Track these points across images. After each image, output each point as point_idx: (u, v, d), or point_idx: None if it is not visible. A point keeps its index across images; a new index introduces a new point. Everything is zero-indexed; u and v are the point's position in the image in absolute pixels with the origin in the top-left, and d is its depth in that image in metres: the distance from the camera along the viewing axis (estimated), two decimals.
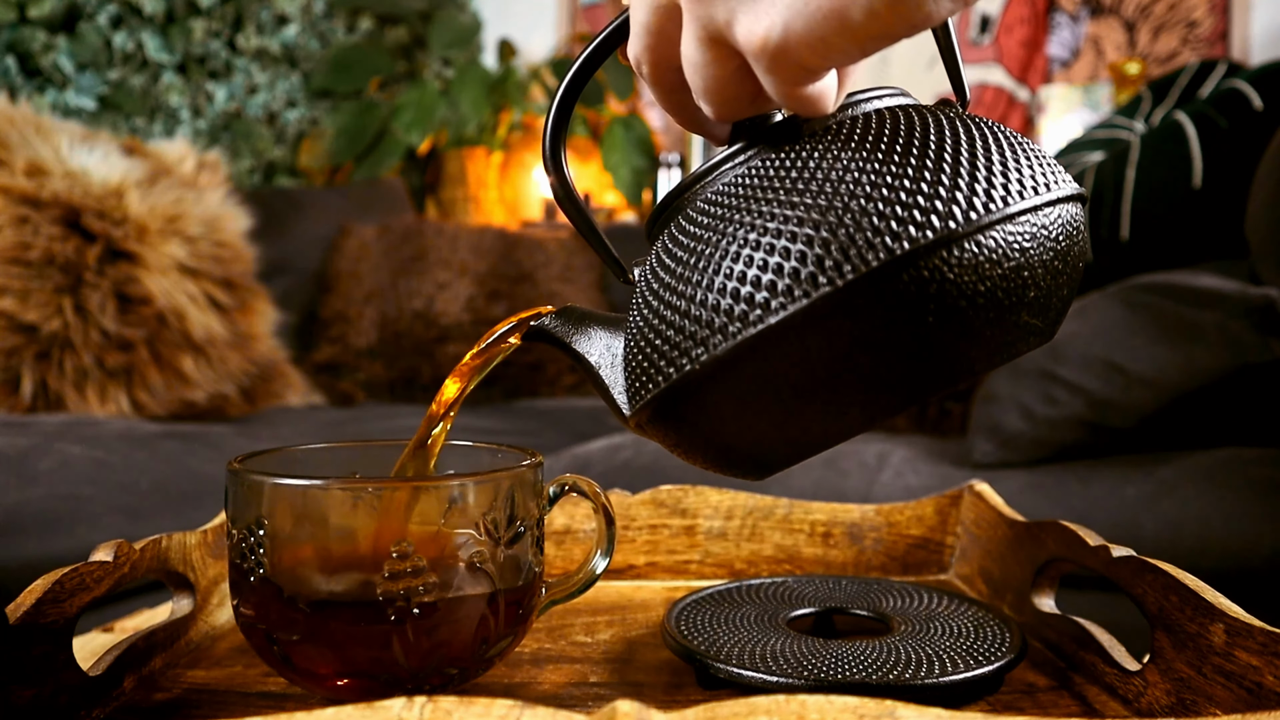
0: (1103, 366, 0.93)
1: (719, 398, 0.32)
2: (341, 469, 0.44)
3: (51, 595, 0.36)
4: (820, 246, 0.29)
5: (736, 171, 0.34)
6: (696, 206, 0.34)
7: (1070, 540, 0.45)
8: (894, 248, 0.29)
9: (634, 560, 0.59)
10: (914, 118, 0.33)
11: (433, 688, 0.37)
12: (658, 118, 2.63)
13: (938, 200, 0.30)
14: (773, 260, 0.30)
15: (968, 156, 0.31)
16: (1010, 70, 2.24)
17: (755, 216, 0.31)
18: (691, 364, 0.32)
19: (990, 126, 0.33)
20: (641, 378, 0.34)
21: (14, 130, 1.31)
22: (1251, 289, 0.90)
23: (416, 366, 1.70)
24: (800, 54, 0.28)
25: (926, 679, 0.38)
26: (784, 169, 0.32)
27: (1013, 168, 0.31)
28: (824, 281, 0.29)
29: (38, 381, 1.23)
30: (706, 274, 0.31)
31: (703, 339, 0.31)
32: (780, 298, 0.30)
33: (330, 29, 2.47)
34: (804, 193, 0.31)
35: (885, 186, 0.30)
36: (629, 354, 0.35)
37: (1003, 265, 0.30)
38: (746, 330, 0.30)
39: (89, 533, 0.88)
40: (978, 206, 0.30)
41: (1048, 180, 0.32)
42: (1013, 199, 0.31)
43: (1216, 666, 0.34)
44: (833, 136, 0.32)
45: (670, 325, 0.32)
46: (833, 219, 0.30)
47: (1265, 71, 1.19)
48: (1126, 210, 1.20)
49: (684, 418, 0.34)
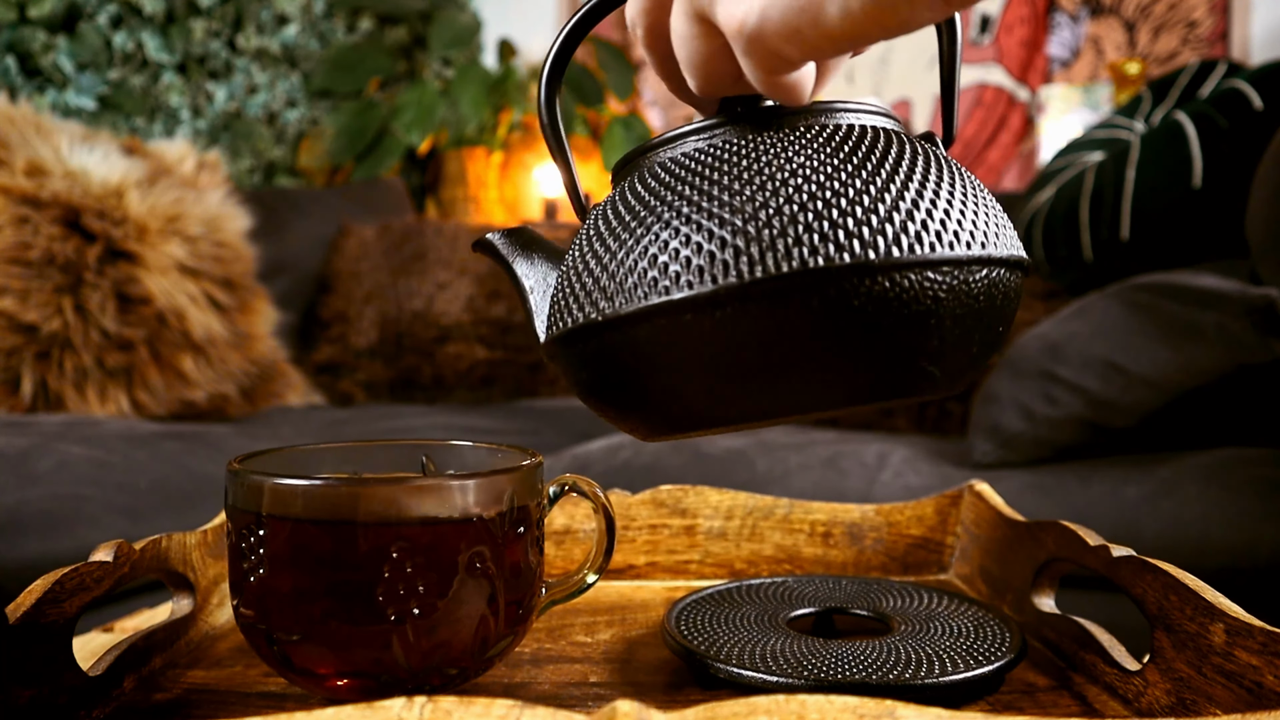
0: (1103, 366, 0.93)
1: (617, 351, 0.34)
2: (342, 469, 0.44)
3: (51, 595, 0.36)
4: (742, 239, 0.31)
5: (697, 144, 0.35)
6: (653, 170, 0.35)
7: (1070, 540, 0.45)
8: (807, 261, 0.30)
9: (634, 560, 0.59)
10: (878, 141, 0.33)
11: (433, 688, 0.37)
12: (658, 118, 2.63)
13: (865, 227, 0.30)
14: (695, 239, 0.31)
15: (914, 191, 0.32)
16: (1010, 70, 2.24)
17: (696, 194, 0.32)
18: (599, 314, 0.34)
19: (952, 168, 0.34)
20: (560, 312, 0.36)
21: (14, 130, 1.31)
22: (1251, 289, 0.90)
23: (416, 366, 1.70)
24: (774, 42, 0.29)
25: (926, 679, 0.38)
26: (738, 154, 0.33)
27: (955, 215, 0.32)
28: (733, 274, 0.30)
29: (38, 381, 1.24)
30: (639, 238, 0.33)
31: (612, 294, 0.33)
32: (690, 275, 0.31)
33: (330, 29, 2.47)
34: (747, 184, 0.32)
35: (822, 200, 0.31)
36: (557, 288, 0.37)
37: (909, 308, 0.31)
38: (651, 298, 0.32)
39: (89, 533, 0.88)
40: (903, 244, 0.30)
41: (987, 238, 0.32)
42: (941, 247, 0.31)
43: (1217, 666, 0.34)
44: (796, 135, 0.33)
45: (594, 275, 0.34)
46: (763, 216, 0.31)
47: (1265, 71, 1.19)
48: (1126, 210, 1.20)
49: (584, 360, 0.36)
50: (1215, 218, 1.14)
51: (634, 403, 0.35)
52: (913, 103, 2.32)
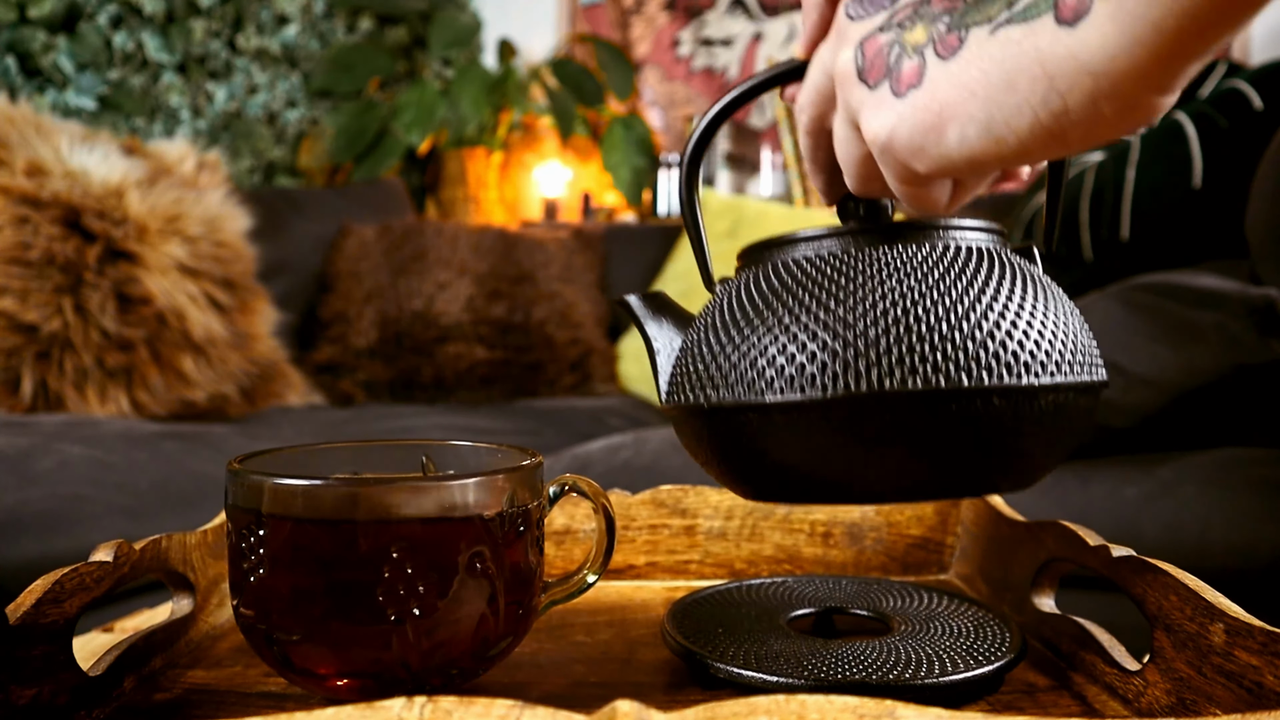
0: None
1: (725, 432, 0.38)
2: (342, 469, 0.44)
3: (51, 595, 0.36)
4: (836, 356, 0.35)
5: (819, 250, 0.38)
6: (777, 269, 0.39)
7: (1070, 540, 0.45)
8: (905, 382, 0.34)
9: (634, 560, 0.59)
10: (980, 267, 0.36)
11: (433, 688, 0.37)
12: (658, 118, 2.63)
13: (957, 356, 0.34)
14: (795, 351, 0.36)
15: (993, 322, 0.34)
16: None
17: (813, 303, 0.36)
18: (708, 400, 0.38)
19: (1039, 290, 0.37)
20: (679, 382, 0.41)
21: (14, 130, 1.31)
22: (1251, 289, 0.90)
23: (416, 366, 1.70)
24: (903, 156, 0.32)
25: (926, 679, 0.38)
26: (854, 268, 0.37)
27: (1030, 344, 0.35)
28: (822, 386, 0.35)
29: (38, 381, 1.23)
30: (757, 335, 0.37)
31: (733, 384, 0.37)
32: (803, 380, 0.35)
33: (330, 29, 2.47)
34: (862, 300, 0.35)
35: (924, 323, 0.34)
36: (680, 357, 0.42)
37: (981, 428, 0.34)
38: (766, 396, 0.36)
39: (89, 533, 0.88)
40: (980, 374, 0.34)
41: (1059, 366, 0.35)
42: (1010, 377, 0.34)
43: (1216, 666, 0.34)
44: (907, 257, 0.36)
45: (714, 358, 0.38)
46: (866, 334, 0.34)
47: (1265, 71, 1.19)
48: (1126, 210, 1.20)
49: (696, 431, 0.40)
50: (1215, 218, 1.14)
51: (734, 474, 0.40)
52: None
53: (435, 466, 0.44)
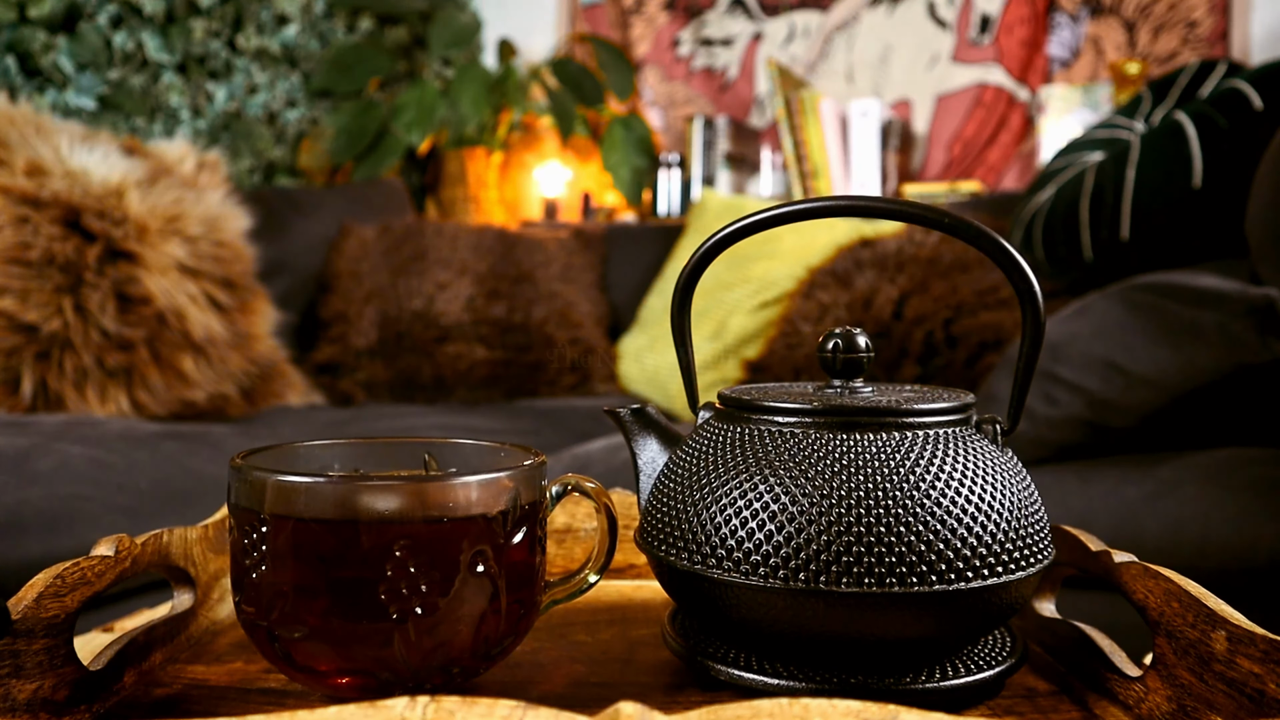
0: (1103, 366, 0.93)
1: (678, 585, 0.41)
2: (344, 466, 0.44)
3: (53, 589, 0.36)
4: (780, 548, 0.37)
5: (795, 426, 0.40)
6: (758, 433, 0.40)
7: (1071, 544, 0.45)
8: (838, 583, 0.36)
9: (635, 560, 0.59)
10: (934, 459, 0.38)
11: (434, 687, 0.37)
12: (658, 118, 2.63)
13: (897, 560, 0.36)
14: (745, 536, 0.38)
15: (952, 519, 0.37)
16: (1010, 70, 2.24)
17: (764, 488, 0.38)
18: (668, 557, 0.40)
19: (988, 477, 0.38)
20: (649, 525, 0.42)
21: (14, 130, 1.31)
22: (1251, 289, 0.90)
23: (416, 366, 1.70)
24: None
25: (928, 683, 0.38)
26: (819, 452, 0.38)
27: (984, 544, 0.37)
28: (763, 575, 0.37)
29: (38, 381, 1.23)
30: (719, 507, 0.39)
31: (681, 547, 0.40)
32: (732, 564, 0.38)
33: (330, 29, 2.47)
34: (817, 489, 0.37)
35: (871, 523, 0.36)
36: (656, 485, 0.44)
37: (903, 621, 0.36)
38: (705, 569, 0.38)
39: (89, 532, 0.88)
40: (933, 578, 0.36)
41: (1008, 561, 0.37)
42: (960, 581, 0.36)
43: (1218, 673, 0.34)
44: (869, 443, 0.38)
45: (683, 512, 0.40)
46: (815, 525, 0.37)
47: (1265, 71, 1.19)
48: (1126, 210, 1.20)
49: (660, 574, 0.42)
50: (1215, 218, 1.14)
51: (698, 618, 0.42)
52: (913, 103, 2.32)
53: (438, 465, 0.44)
